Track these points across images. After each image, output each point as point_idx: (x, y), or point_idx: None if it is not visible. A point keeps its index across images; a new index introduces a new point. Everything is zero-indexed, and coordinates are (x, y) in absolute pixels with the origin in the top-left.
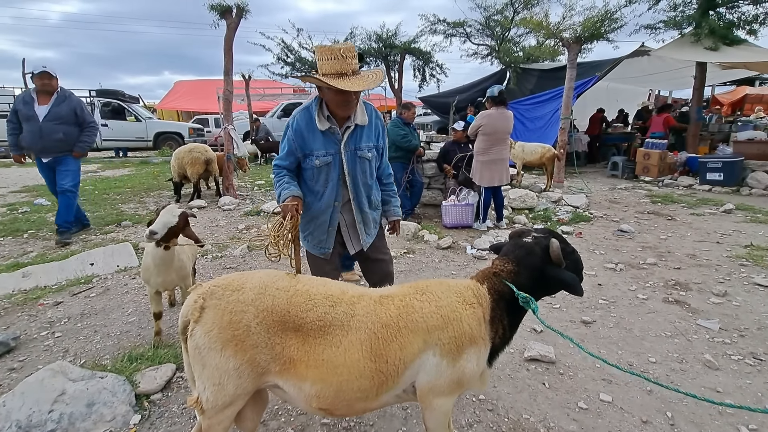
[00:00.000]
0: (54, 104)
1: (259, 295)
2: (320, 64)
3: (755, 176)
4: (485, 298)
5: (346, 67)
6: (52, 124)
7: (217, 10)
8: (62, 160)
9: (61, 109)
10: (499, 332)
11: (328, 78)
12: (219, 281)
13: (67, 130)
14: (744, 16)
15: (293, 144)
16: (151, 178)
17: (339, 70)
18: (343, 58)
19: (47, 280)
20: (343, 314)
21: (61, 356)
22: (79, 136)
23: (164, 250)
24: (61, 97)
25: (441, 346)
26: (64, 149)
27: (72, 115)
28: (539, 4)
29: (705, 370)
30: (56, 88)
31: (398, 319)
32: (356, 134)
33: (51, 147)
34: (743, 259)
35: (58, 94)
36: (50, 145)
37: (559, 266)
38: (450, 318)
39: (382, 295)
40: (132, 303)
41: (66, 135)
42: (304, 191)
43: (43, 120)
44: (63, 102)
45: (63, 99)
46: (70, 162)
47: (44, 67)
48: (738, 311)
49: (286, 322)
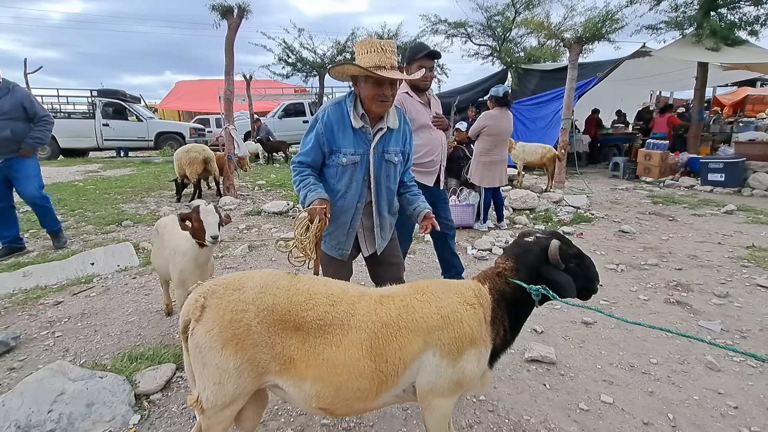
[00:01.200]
0: None
1: (260, 294)
2: (359, 59)
3: (757, 177)
4: (486, 299)
5: (385, 60)
6: None
7: (218, 10)
8: (16, 164)
9: (4, 104)
10: (500, 333)
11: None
12: (219, 280)
13: (15, 127)
14: (745, 17)
15: (321, 138)
16: (152, 178)
17: (378, 63)
18: (383, 51)
19: (48, 280)
20: (343, 313)
21: (61, 356)
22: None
23: (206, 249)
24: (4, 90)
25: (441, 347)
26: (14, 149)
27: (19, 108)
28: (540, 5)
29: (707, 371)
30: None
31: (398, 319)
32: (386, 137)
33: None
34: (745, 260)
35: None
36: None
37: (556, 267)
38: (450, 318)
39: (382, 294)
40: (132, 303)
41: (14, 133)
42: (326, 189)
43: None
44: (5, 95)
45: (5, 92)
46: (27, 165)
47: None
48: (740, 312)
49: (287, 321)
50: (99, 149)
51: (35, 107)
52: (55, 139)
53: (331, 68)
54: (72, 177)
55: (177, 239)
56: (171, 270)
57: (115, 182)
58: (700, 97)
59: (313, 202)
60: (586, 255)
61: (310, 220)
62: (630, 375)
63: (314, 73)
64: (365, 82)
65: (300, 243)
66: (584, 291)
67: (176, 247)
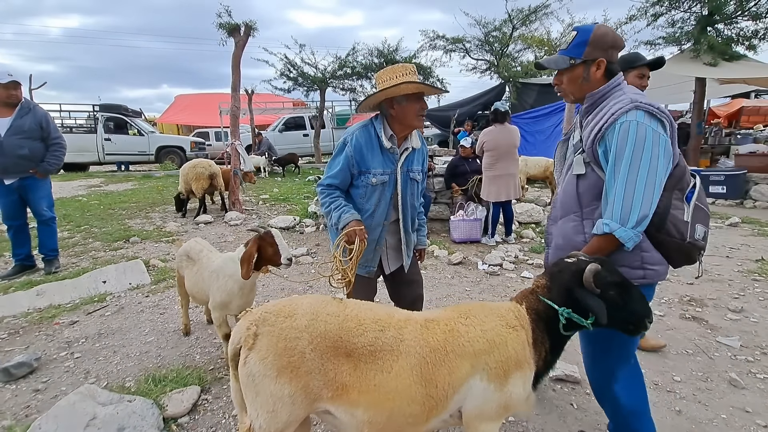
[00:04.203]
0: (17, 117)
1: (312, 320)
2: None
3: (759, 189)
4: (526, 320)
5: (410, 77)
6: (15, 138)
7: (225, 28)
8: (32, 184)
9: (25, 122)
10: (542, 355)
11: (406, 86)
12: (269, 307)
13: (32, 146)
14: (743, 32)
15: (351, 160)
16: (155, 193)
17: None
18: (406, 71)
19: (61, 299)
20: (392, 339)
21: (83, 378)
22: (44, 154)
23: (255, 273)
24: (25, 109)
25: (488, 371)
26: (28, 167)
27: (37, 128)
28: (537, 20)
29: (731, 389)
30: (21, 99)
31: (445, 344)
32: (411, 157)
33: (14, 165)
34: (755, 274)
35: (21, 106)
36: (13, 162)
37: (590, 292)
38: (495, 342)
39: (427, 318)
40: (148, 322)
41: (31, 151)
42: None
43: (4, 135)
44: (27, 114)
45: (27, 111)
46: (42, 185)
47: (11, 76)
48: (756, 328)
49: (338, 348)
50: (100, 163)
51: (50, 128)
52: None
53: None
54: (75, 192)
55: (218, 261)
56: (213, 291)
57: (119, 197)
58: (698, 110)
59: (349, 223)
60: (636, 287)
61: (348, 242)
62: (655, 394)
63: (315, 88)
64: (407, 101)
65: (341, 265)
66: (629, 325)
67: (219, 268)
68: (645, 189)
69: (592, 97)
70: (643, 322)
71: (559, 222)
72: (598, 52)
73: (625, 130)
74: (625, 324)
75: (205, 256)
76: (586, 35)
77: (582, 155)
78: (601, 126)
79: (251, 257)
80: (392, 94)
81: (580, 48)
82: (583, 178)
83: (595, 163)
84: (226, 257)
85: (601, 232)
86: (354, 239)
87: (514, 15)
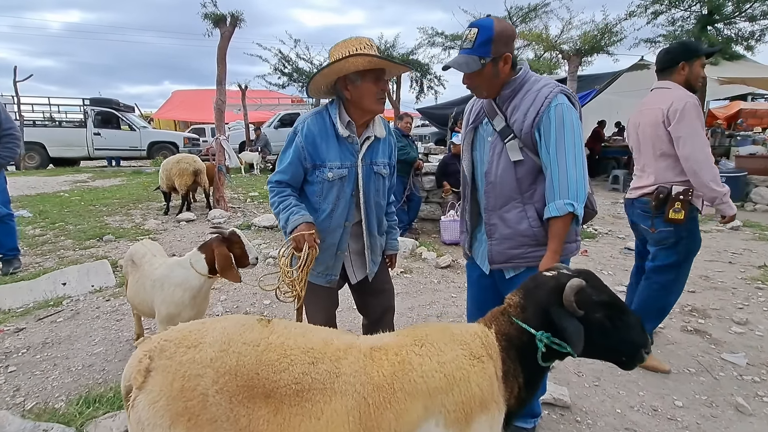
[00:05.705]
0: None
1: (221, 352)
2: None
3: (759, 192)
4: (494, 348)
5: (364, 51)
6: None
7: (211, 18)
8: None
9: None
10: (514, 391)
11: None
12: (173, 334)
13: None
14: (741, 32)
15: (302, 152)
16: (141, 189)
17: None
18: (360, 44)
19: (13, 302)
20: (325, 374)
21: (10, 396)
22: None
23: (210, 279)
24: None
25: (446, 414)
26: None
27: None
28: (537, 18)
29: (738, 416)
30: None
31: (393, 379)
32: (374, 147)
33: None
34: (759, 281)
35: None
36: None
37: (570, 313)
38: (455, 377)
39: (372, 346)
40: (101, 330)
41: None
42: (308, 209)
43: None
44: None
45: None
46: None
47: None
48: (762, 343)
49: (254, 387)
50: (90, 158)
51: (1, 118)
52: (45, 148)
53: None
54: (59, 187)
55: (162, 268)
56: (158, 304)
57: (103, 193)
58: None
59: (298, 226)
60: (630, 310)
61: (297, 249)
62: (654, 421)
63: None
64: (363, 79)
65: (287, 276)
66: (620, 356)
67: (164, 277)
68: (583, 166)
69: (511, 86)
70: (639, 353)
71: (498, 211)
72: (503, 47)
73: (560, 113)
74: (617, 354)
75: (148, 262)
76: (489, 32)
77: (515, 141)
78: (537, 110)
79: (229, 259)
80: (342, 71)
81: (487, 46)
82: (521, 164)
83: (530, 148)
84: (172, 263)
85: (565, 212)
86: (303, 245)
87: (513, 12)
